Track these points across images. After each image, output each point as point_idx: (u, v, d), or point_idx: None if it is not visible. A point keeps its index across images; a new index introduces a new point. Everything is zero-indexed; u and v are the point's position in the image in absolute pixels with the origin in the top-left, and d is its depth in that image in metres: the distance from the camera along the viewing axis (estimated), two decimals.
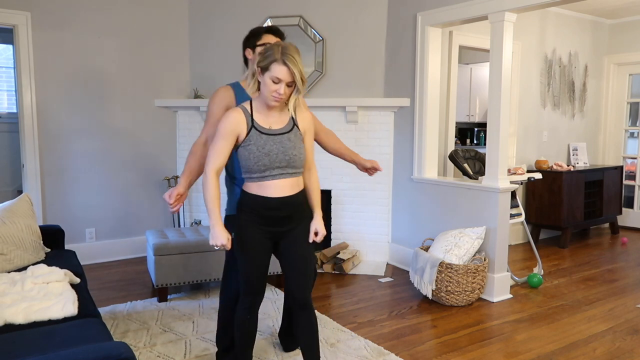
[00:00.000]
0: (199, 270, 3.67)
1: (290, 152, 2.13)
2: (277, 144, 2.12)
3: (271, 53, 2.05)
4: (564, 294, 3.93)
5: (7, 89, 5.75)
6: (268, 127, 2.14)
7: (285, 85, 2.05)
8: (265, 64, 2.05)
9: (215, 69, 4.97)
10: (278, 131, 2.15)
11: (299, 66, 2.04)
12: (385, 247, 4.78)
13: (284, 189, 2.16)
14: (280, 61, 2.02)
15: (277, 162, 2.12)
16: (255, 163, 2.10)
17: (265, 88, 2.07)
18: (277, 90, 2.05)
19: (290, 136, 2.16)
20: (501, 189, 3.70)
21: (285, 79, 2.04)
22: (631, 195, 6.50)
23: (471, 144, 7.56)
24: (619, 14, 6.05)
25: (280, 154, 2.12)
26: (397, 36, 4.55)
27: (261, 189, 2.14)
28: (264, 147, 2.10)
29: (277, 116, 2.17)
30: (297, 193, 2.21)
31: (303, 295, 2.26)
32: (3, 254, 2.75)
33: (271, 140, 2.12)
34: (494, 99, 3.70)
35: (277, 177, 2.14)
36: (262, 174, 2.12)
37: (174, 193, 2.26)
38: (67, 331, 1.95)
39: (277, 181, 2.14)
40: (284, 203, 2.17)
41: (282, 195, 2.15)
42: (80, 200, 4.60)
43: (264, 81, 2.07)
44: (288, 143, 2.14)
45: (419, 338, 3.11)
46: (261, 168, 2.11)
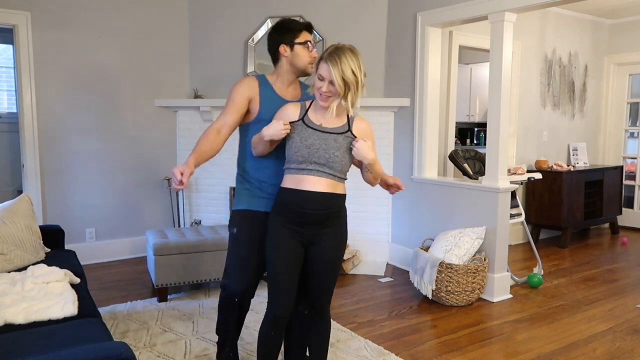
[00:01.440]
0: (199, 270, 3.67)
1: (332, 151, 2.10)
2: (321, 140, 2.10)
3: (323, 53, 2.09)
4: (564, 294, 3.93)
5: (7, 89, 5.74)
6: (318, 124, 2.14)
7: (328, 83, 2.05)
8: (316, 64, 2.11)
9: (215, 69, 4.97)
10: (327, 129, 2.13)
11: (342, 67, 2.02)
12: (385, 247, 4.78)
13: (320, 185, 2.11)
14: (324, 59, 2.05)
15: (315, 157, 2.09)
16: (295, 153, 2.10)
17: (314, 87, 2.11)
18: (321, 87, 2.06)
19: (338, 137, 2.13)
20: (501, 189, 3.70)
21: (327, 76, 2.04)
22: (631, 195, 6.50)
23: (471, 144, 7.56)
24: (619, 14, 6.05)
25: (321, 149, 2.09)
26: (397, 36, 4.55)
27: (298, 183, 2.11)
28: (307, 139, 2.10)
29: (332, 118, 2.14)
30: (334, 193, 2.17)
31: (324, 304, 2.23)
32: (3, 254, 2.75)
33: (316, 135, 2.11)
34: (494, 99, 3.70)
35: (314, 173, 2.10)
36: (300, 165, 2.11)
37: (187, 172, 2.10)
38: (67, 331, 1.95)
39: (313, 177, 2.10)
40: (321, 199, 2.11)
41: (319, 190, 2.11)
42: (80, 200, 4.60)
43: (313, 81, 2.11)
44: (333, 143, 2.11)
45: (419, 338, 3.11)
46: (299, 159, 2.10)
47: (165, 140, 5.03)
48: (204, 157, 2.25)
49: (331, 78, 2.03)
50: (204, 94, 4.95)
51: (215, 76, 4.97)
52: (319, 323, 2.26)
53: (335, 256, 2.23)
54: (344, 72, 2.01)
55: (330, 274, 2.23)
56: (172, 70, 4.98)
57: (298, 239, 2.15)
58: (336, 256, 2.23)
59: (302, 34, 2.34)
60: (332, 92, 2.06)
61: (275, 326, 2.18)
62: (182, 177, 2.06)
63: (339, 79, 2.02)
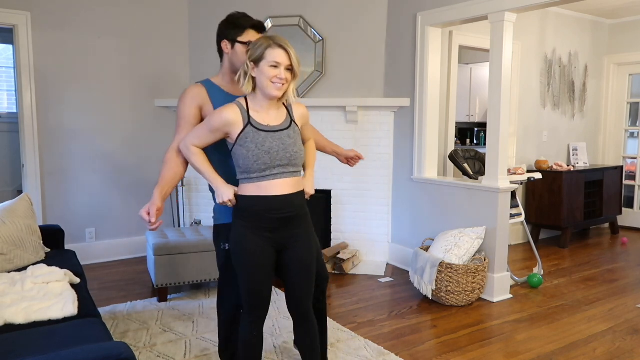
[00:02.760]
0: (199, 270, 3.67)
1: (291, 149, 2.03)
2: (277, 141, 2.01)
3: (261, 43, 1.99)
4: (564, 294, 3.93)
5: (7, 89, 5.75)
6: (266, 124, 2.03)
7: (284, 69, 1.98)
8: (258, 55, 1.98)
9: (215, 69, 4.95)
10: (276, 128, 2.04)
11: (293, 50, 2.00)
12: (385, 247, 4.78)
13: (285, 188, 2.04)
14: (274, 45, 1.98)
15: (278, 160, 2.00)
16: (255, 162, 1.98)
17: (264, 77, 1.97)
18: (277, 75, 1.97)
19: (289, 132, 2.06)
20: (501, 189, 3.70)
21: (283, 62, 1.97)
22: (631, 195, 6.50)
23: (471, 144, 7.56)
24: (619, 14, 6.05)
25: (281, 151, 2.01)
26: (397, 36, 4.55)
27: (260, 189, 2.01)
28: (264, 144, 1.98)
29: (274, 113, 2.07)
30: (298, 192, 2.10)
31: (306, 305, 2.15)
32: (3, 254, 2.75)
33: (270, 137, 2.00)
34: (494, 99, 3.70)
35: (278, 177, 2.02)
36: (262, 173, 2.00)
37: (153, 210, 2.01)
38: (67, 331, 1.95)
39: (277, 180, 2.02)
40: (286, 202, 2.04)
41: (284, 194, 2.03)
42: (80, 200, 4.60)
43: (260, 72, 1.98)
44: (288, 140, 2.04)
45: (419, 338, 3.11)
46: (261, 167, 1.99)
47: (165, 140, 5.01)
48: (171, 185, 2.14)
49: (288, 62, 1.98)
50: None
51: None
52: (306, 326, 2.18)
53: (311, 257, 2.15)
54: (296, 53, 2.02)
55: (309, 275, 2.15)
56: (172, 70, 4.98)
57: (270, 244, 2.07)
58: (311, 257, 2.16)
59: (246, 33, 2.24)
60: (287, 80, 2.00)
61: (256, 326, 2.13)
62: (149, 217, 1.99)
63: (296, 61, 2.00)
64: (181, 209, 5.03)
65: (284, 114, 2.10)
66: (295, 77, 2.05)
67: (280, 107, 2.11)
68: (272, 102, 2.06)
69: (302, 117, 2.18)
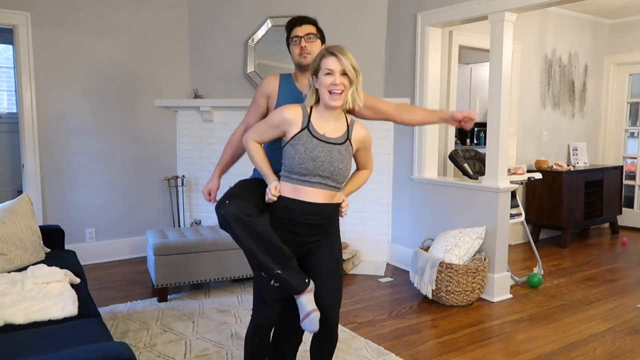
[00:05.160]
0: (199, 270, 3.67)
1: (337, 164, 2.04)
2: (326, 152, 2.02)
3: (318, 54, 2.06)
4: (564, 294, 3.93)
5: (7, 89, 5.75)
6: (322, 133, 2.04)
7: (339, 75, 1.99)
8: (315, 66, 2.03)
9: (215, 69, 4.97)
10: (331, 140, 2.04)
11: (349, 56, 2.02)
12: (385, 247, 4.78)
13: (318, 197, 2.05)
14: (327, 54, 2.01)
15: (320, 170, 2.02)
16: (299, 165, 2.01)
17: (322, 87, 2.00)
18: (332, 82, 1.98)
19: (341, 149, 2.06)
20: (501, 189, 3.70)
21: (336, 68, 1.98)
22: (631, 195, 6.50)
23: (471, 144, 7.56)
24: (618, 14, 6.05)
25: (326, 162, 2.02)
26: (397, 36, 4.55)
27: (296, 193, 2.04)
28: (313, 151, 2.01)
29: (333, 125, 2.07)
30: (330, 203, 2.10)
31: (334, 315, 2.11)
32: (3, 254, 2.75)
33: (321, 146, 2.02)
34: (494, 99, 3.70)
35: (316, 185, 2.03)
36: (302, 177, 2.03)
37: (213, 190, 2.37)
38: (67, 331, 1.95)
39: (314, 189, 2.04)
40: (317, 209, 2.05)
41: (316, 202, 2.04)
42: (80, 200, 4.60)
43: (319, 82, 2.01)
44: (337, 155, 2.04)
45: (419, 338, 3.11)
46: (303, 171, 2.01)
47: (165, 140, 5.03)
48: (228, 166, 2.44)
49: (342, 67, 1.98)
50: (204, 94, 4.95)
51: (215, 76, 4.97)
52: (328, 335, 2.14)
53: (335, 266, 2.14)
54: (352, 60, 2.01)
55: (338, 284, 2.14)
56: (172, 70, 4.98)
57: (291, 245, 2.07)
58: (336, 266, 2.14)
59: (293, 30, 2.40)
60: (344, 85, 2.01)
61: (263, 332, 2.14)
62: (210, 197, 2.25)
63: (350, 66, 1.99)
64: (181, 209, 5.03)
65: (343, 130, 2.10)
66: (352, 84, 2.03)
67: (341, 121, 2.11)
68: (334, 114, 2.07)
69: (360, 140, 2.14)
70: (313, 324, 1.99)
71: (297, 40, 2.36)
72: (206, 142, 4.99)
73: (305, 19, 2.44)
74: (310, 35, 2.39)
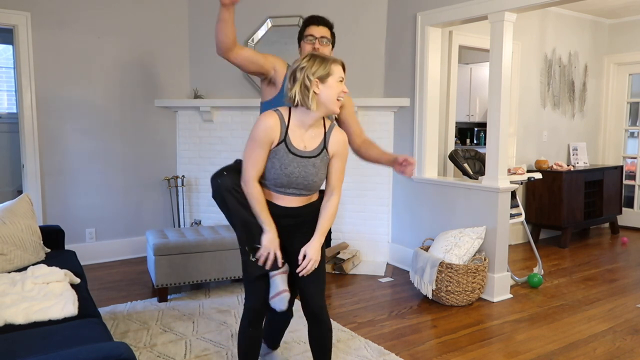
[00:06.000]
0: (199, 270, 3.67)
1: (311, 178, 2.08)
2: (301, 168, 2.06)
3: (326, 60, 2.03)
4: (564, 294, 3.93)
5: (7, 89, 5.75)
6: (299, 146, 2.06)
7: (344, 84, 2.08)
8: (325, 71, 2.01)
9: (215, 69, 4.97)
10: (306, 154, 2.07)
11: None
12: (385, 247, 4.78)
13: (294, 202, 2.13)
14: (336, 62, 2.05)
15: (294, 184, 2.08)
16: (274, 178, 2.07)
17: (333, 92, 2.02)
18: (343, 89, 2.05)
19: (316, 161, 2.08)
20: (501, 189, 3.70)
21: (344, 77, 2.07)
22: (631, 195, 6.50)
23: (471, 144, 7.56)
24: (618, 14, 6.05)
25: (300, 177, 2.07)
26: (397, 36, 4.55)
27: (271, 197, 2.12)
28: (287, 167, 2.04)
29: (312, 134, 2.09)
30: (307, 204, 2.16)
31: (319, 304, 2.17)
32: (3, 254, 2.75)
33: (296, 162, 2.05)
34: (494, 99, 3.70)
35: (290, 194, 2.11)
36: (277, 187, 2.10)
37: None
38: (67, 331, 1.95)
39: (288, 197, 2.12)
40: (293, 212, 2.14)
41: (292, 206, 2.13)
42: (80, 200, 4.60)
43: (329, 87, 2.01)
44: (312, 169, 2.08)
45: (419, 338, 3.11)
46: (277, 184, 2.08)
47: (165, 140, 5.03)
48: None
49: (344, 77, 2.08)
50: (204, 94, 4.95)
51: (215, 76, 4.97)
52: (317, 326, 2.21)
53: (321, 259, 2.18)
54: None
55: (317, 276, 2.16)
56: (172, 70, 4.98)
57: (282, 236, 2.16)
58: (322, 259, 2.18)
59: (307, 28, 2.48)
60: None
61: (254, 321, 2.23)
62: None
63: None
64: (181, 209, 5.03)
65: (320, 138, 2.11)
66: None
67: (319, 128, 2.12)
68: (315, 119, 2.06)
69: (337, 143, 2.13)
70: (282, 303, 2.11)
71: (312, 39, 2.42)
72: (206, 142, 4.99)
73: (323, 20, 2.53)
74: (325, 38, 2.50)
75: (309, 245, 2.11)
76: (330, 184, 2.17)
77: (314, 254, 2.10)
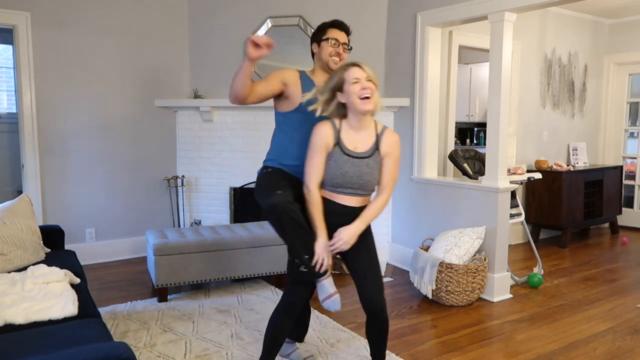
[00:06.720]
0: (199, 270, 3.67)
1: (365, 177, 2.23)
2: (355, 168, 2.21)
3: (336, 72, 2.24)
4: (564, 294, 3.93)
5: (7, 89, 5.75)
6: (353, 148, 2.23)
7: (365, 81, 2.17)
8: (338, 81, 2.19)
9: (215, 69, 4.97)
10: (360, 154, 2.23)
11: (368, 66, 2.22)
12: (385, 247, 4.78)
13: (354, 202, 2.28)
14: (348, 67, 2.21)
15: (350, 184, 2.23)
16: (330, 179, 2.23)
17: (352, 96, 2.16)
18: (361, 87, 2.15)
19: (369, 161, 2.24)
20: (501, 189, 3.70)
21: (362, 75, 2.17)
22: (631, 195, 6.50)
23: (471, 144, 7.56)
24: (618, 14, 6.05)
25: (355, 177, 2.22)
26: (397, 36, 4.55)
27: (331, 196, 2.27)
28: (342, 167, 2.21)
29: (364, 135, 2.25)
30: (362, 206, 2.30)
31: (378, 300, 2.26)
32: (3, 254, 2.75)
33: (350, 162, 2.21)
34: (494, 99, 3.70)
35: (347, 194, 2.26)
36: (334, 188, 2.25)
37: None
38: (67, 331, 1.95)
39: (347, 196, 2.27)
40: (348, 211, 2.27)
41: (349, 205, 2.27)
42: (80, 200, 4.60)
43: (347, 92, 2.18)
44: (366, 169, 2.23)
45: (419, 338, 3.11)
46: (334, 184, 2.24)
47: (165, 140, 5.03)
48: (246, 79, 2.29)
49: (366, 74, 2.17)
50: (204, 94, 4.95)
51: (215, 76, 4.97)
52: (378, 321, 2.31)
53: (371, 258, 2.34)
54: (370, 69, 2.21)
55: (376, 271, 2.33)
56: (172, 70, 4.98)
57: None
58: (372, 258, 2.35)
59: (328, 31, 2.49)
60: (372, 89, 2.17)
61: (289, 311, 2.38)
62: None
63: (371, 73, 2.19)
64: (181, 209, 5.03)
65: (372, 140, 2.27)
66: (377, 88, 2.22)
67: (370, 130, 2.28)
68: (364, 123, 2.24)
69: (390, 144, 2.28)
70: (336, 304, 2.24)
71: (334, 42, 2.46)
72: (206, 142, 4.99)
73: (346, 27, 2.57)
74: (346, 45, 2.53)
75: (346, 227, 2.24)
76: (382, 182, 2.31)
77: (345, 235, 2.23)
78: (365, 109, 2.18)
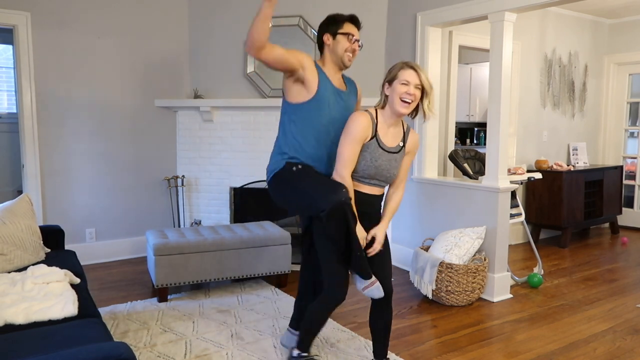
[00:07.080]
0: (199, 270, 3.67)
1: (393, 171, 2.39)
2: (387, 162, 2.35)
3: (396, 65, 2.30)
4: (564, 294, 3.93)
5: (7, 89, 5.75)
6: (386, 142, 2.35)
7: (414, 87, 2.24)
8: (392, 75, 2.28)
9: (215, 69, 4.97)
10: (392, 149, 2.36)
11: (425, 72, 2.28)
12: None
13: (373, 191, 2.41)
14: (406, 67, 2.26)
15: (379, 176, 2.36)
16: (363, 169, 2.34)
17: (395, 94, 2.26)
18: (406, 91, 2.23)
19: (397, 157, 2.39)
20: (501, 189, 3.70)
21: (412, 80, 2.23)
22: (631, 195, 6.50)
23: (471, 144, 7.56)
24: (618, 14, 6.05)
25: (384, 170, 2.36)
26: (397, 36, 4.55)
27: (358, 186, 2.38)
28: (377, 160, 2.33)
29: (393, 132, 2.37)
30: (380, 195, 2.46)
31: (389, 285, 2.43)
32: (3, 254, 2.75)
33: (384, 156, 2.34)
34: (494, 99, 3.70)
35: (373, 185, 2.40)
36: (363, 178, 2.37)
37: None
38: (67, 331, 1.95)
39: (371, 187, 2.40)
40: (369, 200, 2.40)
41: (373, 194, 2.41)
42: (80, 200, 4.60)
43: (393, 89, 2.27)
44: (394, 163, 2.38)
45: (419, 338, 3.11)
46: (365, 175, 2.35)
47: (165, 140, 5.03)
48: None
49: (418, 81, 2.22)
50: (204, 94, 4.95)
51: (215, 76, 4.97)
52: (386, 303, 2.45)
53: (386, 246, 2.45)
54: (427, 76, 2.27)
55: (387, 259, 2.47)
56: (172, 70, 4.98)
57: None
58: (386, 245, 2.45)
59: (345, 25, 2.49)
60: (415, 97, 2.23)
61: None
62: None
63: (426, 81, 2.24)
64: (181, 209, 5.03)
65: (400, 137, 2.41)
66: (426, 96, 2.29)
67: (399, 127, 2.41)
68: (397, 120, 2.36)
69: (413, 143, 2.46)
70: (379, 290, 2.37)
71: (351, 37, 2.47)
72: (206, 142, 4.99)
73: (360, 24, 2.57)
74: (360, 41, 2.53)
75: (378, 227, 2.40)
76: (399, 177, 2.47)
77: (380, 237, 2.38)
78: (400, 112, 2.27)
